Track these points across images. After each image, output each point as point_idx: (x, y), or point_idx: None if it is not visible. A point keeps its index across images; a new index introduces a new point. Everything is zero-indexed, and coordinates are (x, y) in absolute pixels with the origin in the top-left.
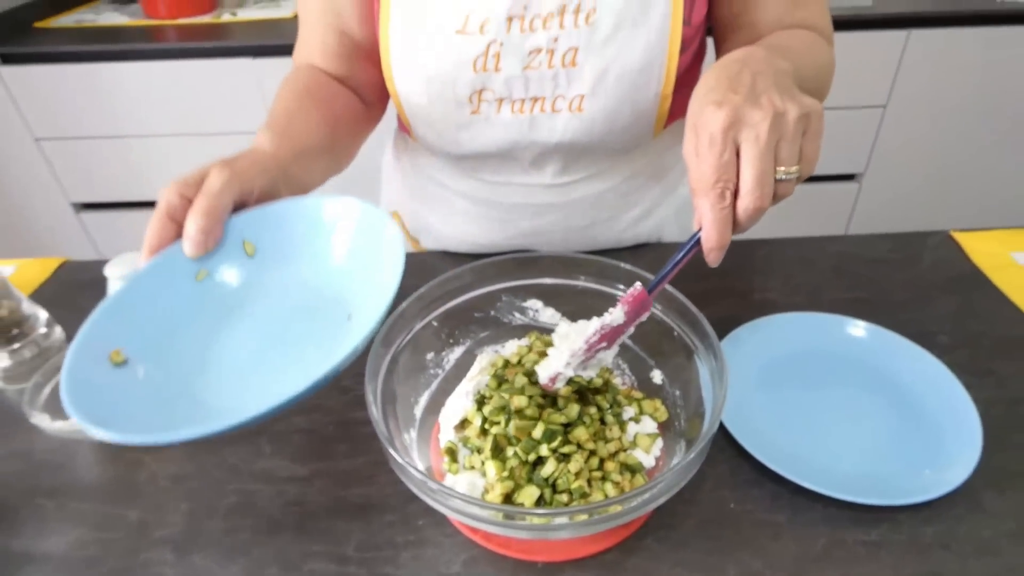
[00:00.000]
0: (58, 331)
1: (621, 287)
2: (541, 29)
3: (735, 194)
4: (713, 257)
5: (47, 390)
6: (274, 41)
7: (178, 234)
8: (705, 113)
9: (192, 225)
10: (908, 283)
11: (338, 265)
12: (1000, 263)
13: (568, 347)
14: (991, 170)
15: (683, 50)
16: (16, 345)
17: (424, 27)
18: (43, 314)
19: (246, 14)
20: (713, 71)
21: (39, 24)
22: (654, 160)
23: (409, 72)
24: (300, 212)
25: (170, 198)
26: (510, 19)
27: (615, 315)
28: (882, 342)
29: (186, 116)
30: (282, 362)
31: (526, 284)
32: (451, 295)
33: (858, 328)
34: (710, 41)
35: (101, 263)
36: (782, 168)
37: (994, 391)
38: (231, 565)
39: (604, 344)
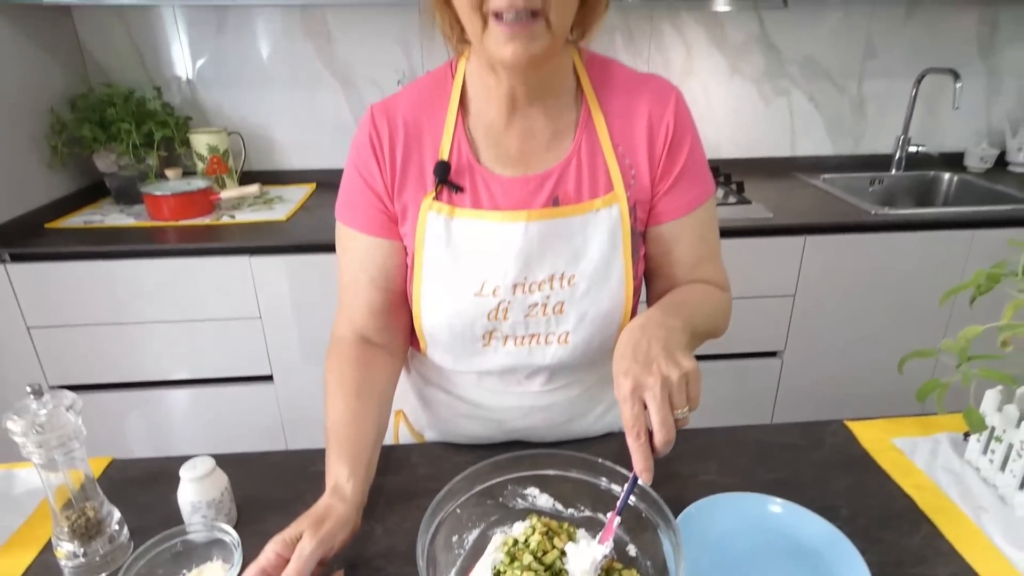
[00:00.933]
0: (125, 529)
1: (603, 478)
2: (537, 291)
3: (650, 432)
4: (645, 477)
5: None
6: (268, 242)
7: None
8: (617, 380)
9: None
10: (814, 464)
11: None
12: (883, 447)
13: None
14: (883, 344)
15: (634, 295)
16: (93, 542)
17: (449, 289)
18: (116, 513)
19: (243, 216)
20: (626, 335)
21: (49, 225)
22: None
23: (435, 319)
24: None
25: (268, 554)
26: (515, 285)
27: (607, 547)
28: (797, 517)
29: (179, 306)
30: None
31: (527, 475)
32: (469, 486)
33: (777, 506)
34: None
35: (145, 460)
36: (676, 411)
37: (883, 556)
38: None
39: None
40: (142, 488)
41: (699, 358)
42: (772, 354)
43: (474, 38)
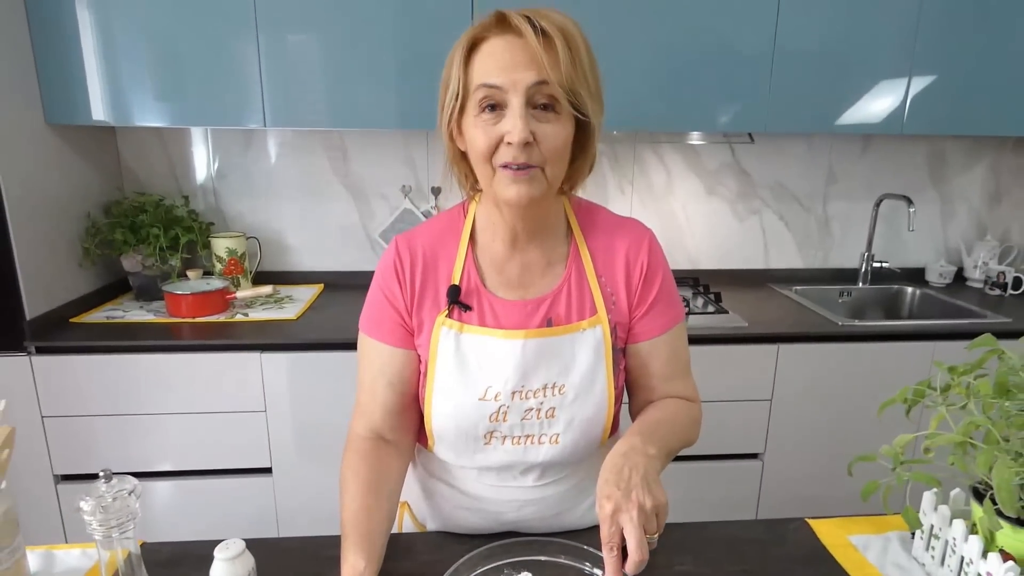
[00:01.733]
0: None
1: (587, 563)
2: (532, 397)
3: (623, 550)
4: None
5: None
6: (278, 339)
7: None
8: (600, 502)
9: None
10: (778, 558)
11: None
12: (839, 543)
13: None
14: (857, 446)
15: (616, 401)
16: None
17: (457, 393)
18: None
19: (255, 315)
20: (610, 461)
21: (74, 319)
22: (597, 466)
23: (443, 419)
24: None
25: None
26: (514, 393)
27: None
28: None
29: (190, 399)
30: None
31: (521, 560)
32: (470, 569)
33: None
34: None
35: (171, 544)
36: (647, 535)
37: None
38: None
39: None
40: (169, 569)
41: (685, 459)
42: (753, 456)
43: (484, 183)
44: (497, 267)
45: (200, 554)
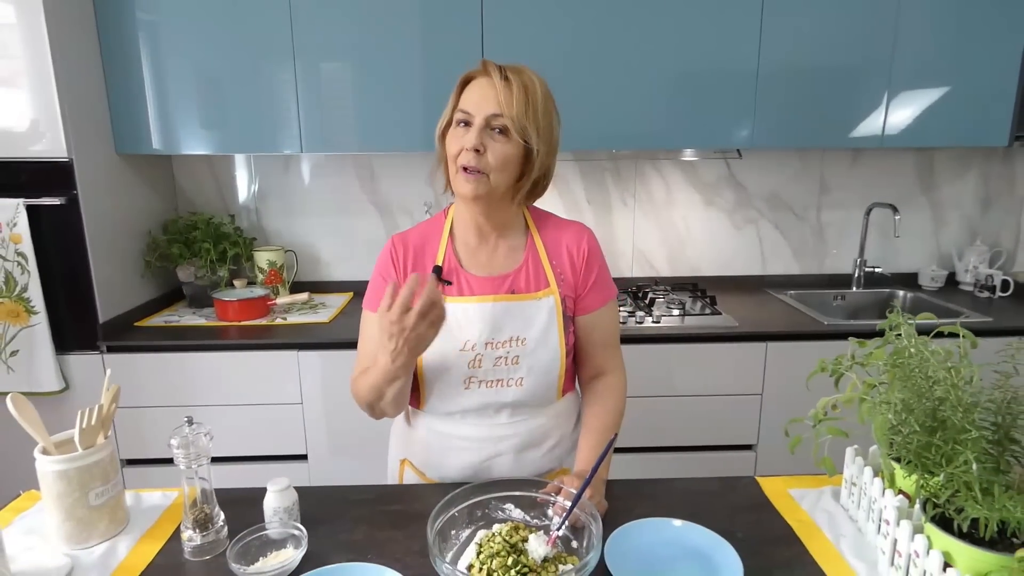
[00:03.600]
0: (226, 527)
1: (553, 494)
2: (501, 347)
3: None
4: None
5: (232, 552)
6: (313, 340)
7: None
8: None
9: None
10: (725, 505)
11: None
12: (780, 495)
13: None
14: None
15: (567, 355)
16: (206, 532)
17: (442, 346)
18: (222, 514)
19: (293, 319)
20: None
21: (137, 323)
22: (557, 415)
23: (432, 369)
24: None
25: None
26: (486, 343)
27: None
28: (704, 535)
29: (236, 392)
30: None
31: (504, 495)
32: (464, 499)
33: (691, 527)
34: None
35: (230, 488)
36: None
37: (760, 563)
38: None
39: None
40: (230, 505)
41: (682, 449)
42: (747, 447)
43: (452, 179)
44: (470, 253)
45: (251, 496)
